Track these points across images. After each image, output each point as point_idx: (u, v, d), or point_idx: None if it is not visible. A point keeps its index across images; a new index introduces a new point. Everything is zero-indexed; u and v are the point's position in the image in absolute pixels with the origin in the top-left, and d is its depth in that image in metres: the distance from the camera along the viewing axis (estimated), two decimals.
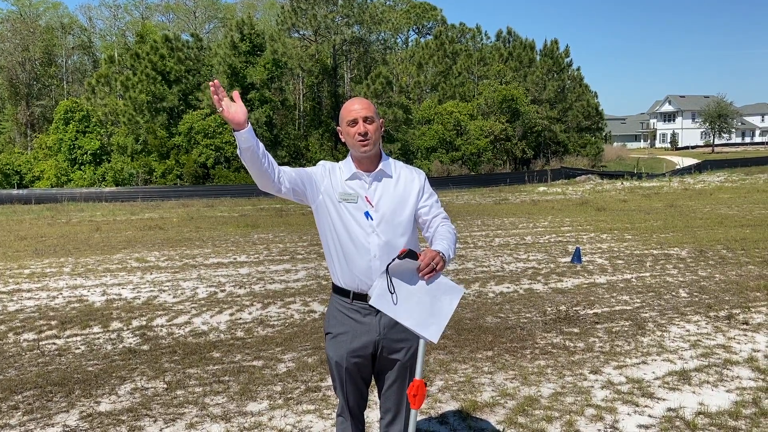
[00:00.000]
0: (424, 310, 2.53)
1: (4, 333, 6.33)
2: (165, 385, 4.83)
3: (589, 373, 5.00)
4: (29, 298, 7.89)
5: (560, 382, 4.79)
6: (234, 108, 2.47)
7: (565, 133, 48.09)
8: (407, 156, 41.33)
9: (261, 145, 2.56)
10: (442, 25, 54.90)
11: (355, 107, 2.75)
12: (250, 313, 7.04)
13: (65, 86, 49.43)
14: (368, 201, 2.75)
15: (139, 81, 38.45)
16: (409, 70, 46.48)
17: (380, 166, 2.79)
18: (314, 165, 2.88)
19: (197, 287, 8.47)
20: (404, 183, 2.81)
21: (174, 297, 7.91)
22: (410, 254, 2.53)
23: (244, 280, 8.94)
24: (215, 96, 2.43)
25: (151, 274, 9.49)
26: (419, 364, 2.61)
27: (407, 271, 2.57)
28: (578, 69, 51.76)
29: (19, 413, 4.34)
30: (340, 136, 2.84)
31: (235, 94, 2.54)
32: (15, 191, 31.96)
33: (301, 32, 45.23)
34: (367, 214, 2.73)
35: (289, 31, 43.91)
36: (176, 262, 10.56)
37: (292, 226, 15.59)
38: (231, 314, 7.02)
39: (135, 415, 4.28)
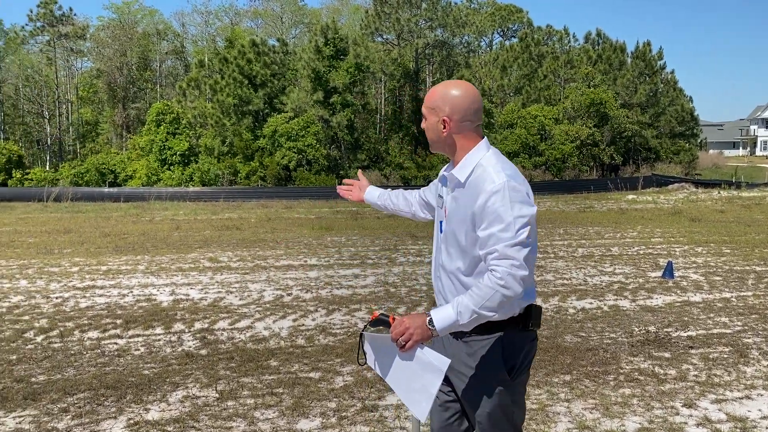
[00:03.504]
0: (408, 384, 2.18)
1: (71, 330, 6.35)
2: (217, 395, 4.61)
3: (682, 406, 4.39)
4: (101, 295, 7.97)
5: (648, 416, 4.22)
6: (354, 193, 2.88)
7: (657, 138, 45.75)
8: None
9: (387, 198, 2.79)
10: (528, 27, 53.57)
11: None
12: (313, 320, 6.79)
13: (158, 89, 51.69)
14: (445, 209, 2.35)
15: (226, 84, 39.60)
16: (493, 73, 45.58)
17: (453, 171, 2.30)
18: (396, 168, 2.59)
19: (264, 290, 8.33)
20: (470, 197, 2.23)
21: (240, 299, 7.79)
22: (380, 321, 2.20)
23: (312, 283, 8.73)
24: (343, 192, 2.90)
25: (221, 274, 9.46)
26: None
27: (385, 339, 2.21)
28: (672, 72, 49.13)
29: (68, 417, 4.22)
30: None
31: (359, 173, 3.00)
32: (106, 189, 33.58)
33: (384, 36, 45.31)
34: (441, 224, 2.36)
35: (372, 36, 44.07)
36: (248, 262, 10.51)
37: (365, 230, 15.37)
38: (294, 320, 6.79)
39: (181, 426, 4.06)
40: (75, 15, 49.38)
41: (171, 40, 54.82)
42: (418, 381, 2.15)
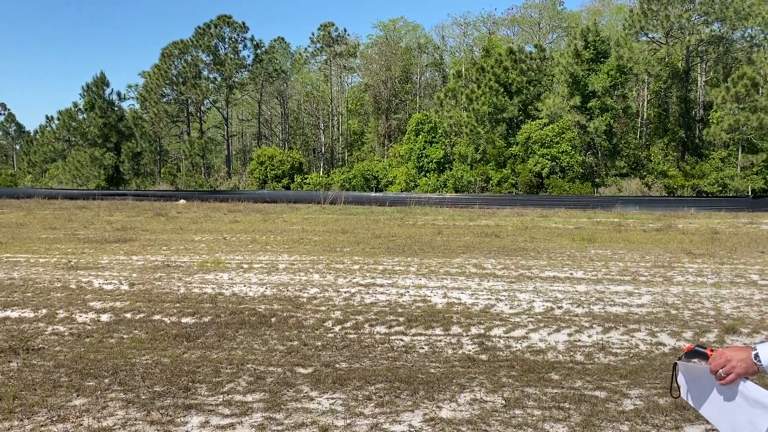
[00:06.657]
0: (731, 419, 2.05)
1: (362, 323, 7.01)
2: (503, 401, 4.72)
3: None
4: (381, 293, 8.67)
5: None
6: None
7: None
8: None
9: None
10: None
11: None
12: (589, 336, 6.59)
13: (417, 101, 54.72)
14: None
15: (482, 93, 40.40)
16: None
17: None
18: (659, 176, 2.37)
19: (533, 300, 8.31)
20: None
21: (510, 308, 7.87)
22: (696, 353, 2.10)
23: (582, 298, 8.47)
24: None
25: (488, 281, 9.65)
26: None
27: (702, 370, 2.11)
28: None
29: (372, 404, 4.66)
30: None
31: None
32: (373, 194, 36.57)
33: (650, 35, 42.31)
34: None
35: (636, 35, 41.43)
36: (512, 271, 10.58)
37: (632, 243, 14.47)
38: (569, 334, 6.66)
39: (474, 428, 4.23)
40: (348, 35, 54.56)
41: (431, 53, 57.65)
42: (743, 416, 2.04)
